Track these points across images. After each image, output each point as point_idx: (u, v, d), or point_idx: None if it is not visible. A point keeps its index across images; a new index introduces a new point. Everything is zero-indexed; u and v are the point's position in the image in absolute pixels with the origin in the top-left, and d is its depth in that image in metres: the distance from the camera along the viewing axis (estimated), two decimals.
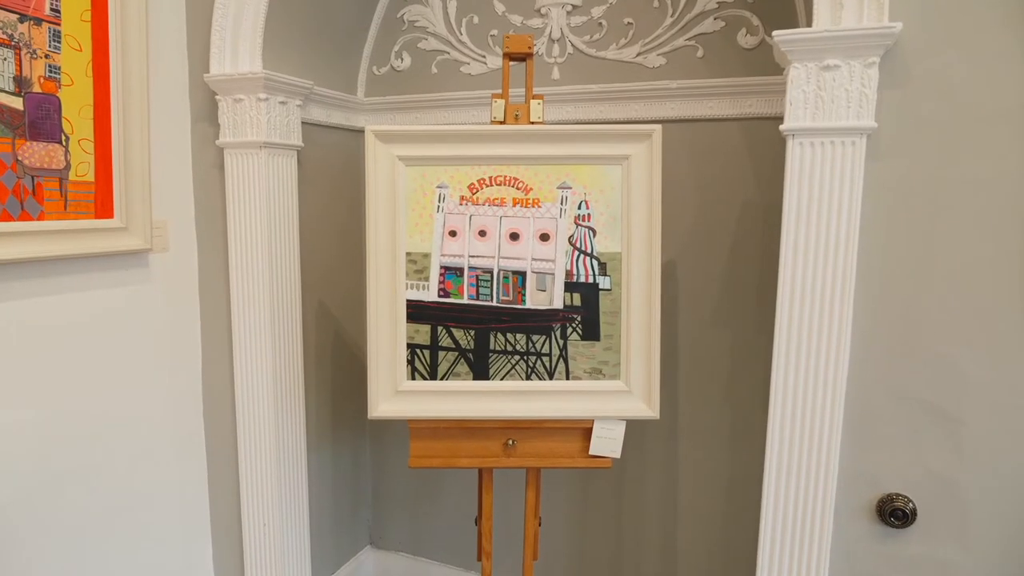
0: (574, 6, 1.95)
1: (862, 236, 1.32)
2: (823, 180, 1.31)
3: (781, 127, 1.32)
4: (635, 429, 2.01)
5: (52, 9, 1.55)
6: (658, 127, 1.53)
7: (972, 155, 1.25)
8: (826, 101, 1.28)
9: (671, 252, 1.92)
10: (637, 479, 2.04)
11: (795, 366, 1.37)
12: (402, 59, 2.18)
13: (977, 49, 1.23)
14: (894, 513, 1.33)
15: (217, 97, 1.84)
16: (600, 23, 1.93)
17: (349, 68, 2.18)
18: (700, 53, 1.83)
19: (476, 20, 2.07)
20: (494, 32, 2.05)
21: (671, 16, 1.85)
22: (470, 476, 2.27)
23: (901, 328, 1.32)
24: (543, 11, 1.98)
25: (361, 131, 2.24)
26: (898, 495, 1.35)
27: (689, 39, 1.84)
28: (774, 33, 1.30)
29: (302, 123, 1.96)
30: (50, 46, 1.55)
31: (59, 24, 1.56)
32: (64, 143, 1.59)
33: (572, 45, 1.96)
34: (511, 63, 1.65)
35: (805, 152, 1.31)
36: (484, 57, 2.07)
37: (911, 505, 1.33)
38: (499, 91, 2.01)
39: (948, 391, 1.30)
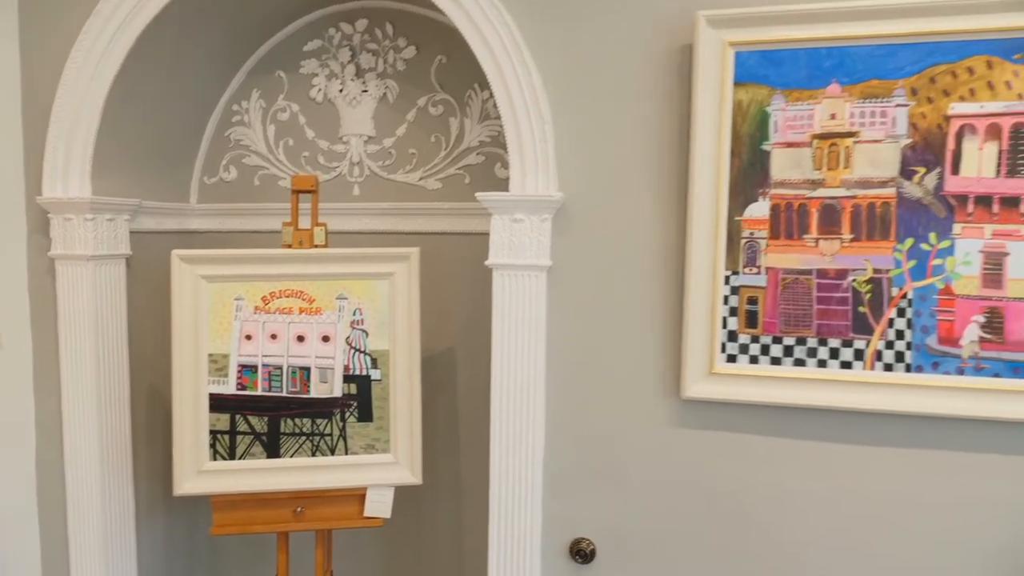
0: (370, 137, 2.36)
1: (548, 343, 1.76)
2: (518, 301, 1.74)
3: (486, 262, 1.75)
4: (429, 488, 2.37)
5: None
6: (416, 250, 1.94)
7: (619, 283, 1.71)
8: (516, 245, 1.72)
9: (451, 340, 2.32)
10: (431, 531, 2.40)
11: (506, 441, 1.78)
12: (229, 171, 2.52)
13: (621, 208, 1.70)
14: (579, 553, 1.75)
15: (49, 215, 2.12)
16: (390, 152, 2.34)
17: (181, 180, 2.49)
18: (467, 180, 2.27)
19: (291, 143, 2.44)
20: (306, 153, 2.43)
21: (445, 149, 2.29)
22: (299, 537, 2.55)
23: (580, 411, 1.76)
24: (345, 139, 2.38)
25: (194, 233, 2.55)
26: (583, 539, 1.77)
27: (459, 168, 2.28)
28: (477, 195, 1.74)
29: (133, 232, 2.25)
30: None
31: None
32: None
33: (369, 168, 2.37)
34: (300, 195, 2.02)
35: (505, 280, 1.75)
36: (298, 173, 2.44)
37: (592, 547, 1.76)
38: (306, 212, 2.35)
39: (612, 461, 1.74)
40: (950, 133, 1.47)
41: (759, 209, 1.58)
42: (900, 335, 1.54)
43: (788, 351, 1.60)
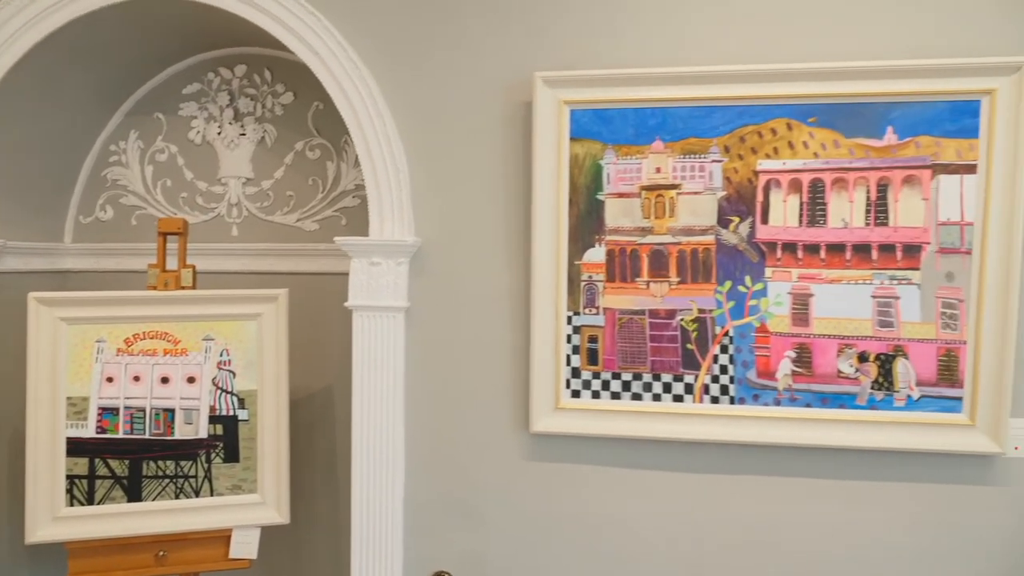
0: (248, 179, 2.39)
1: (407, 380, 1.82)
2: (378, 341, 1.80)
3: (346, 303, 1.81)
4: (307, 525, 2.38)
5: None
6: (284, 291, 1.98)
7: (473, 323, 1.80)
8: (375, 287, 1.79)
9: (328, 378, 2.36)
10: (310, 569, 2.40)
11: (367, 478, 1.82)
12: (106, 211, 2.50)
13: (473, 252, 1.79)
14: None
15: None
16: (268, 194, 2.38)
17: (54, 220, 2.46)
18: (344, 222, 2.33)
19: (169, 183, 2.45)
20: (184, 194, 2.44)
21: (322, 192, 2.35)
22: None
23: (437, 447, 1.82)
24: (223, 181, 2.41)
25: (68, 273, 2.51)
26: (443, 572, 1.82)
27: (335, 211, 2.34)
28: (336, 239, 1.80)
29: None
30: None
31: None
32: None
33: (247, 209, 2.40)
34: (167, 238, 2.04)
35: (365, 321, 1.81)
36: (176, 214, 2.45)
37: None
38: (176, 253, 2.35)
39: (469, 495, 1.81)
40: (759, 186, 1.64)
41: (596, 254, 1.70)
42: (724, 370, 1.68)
43: (626, 386, 1.72)
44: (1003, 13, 1.57)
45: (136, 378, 1.94)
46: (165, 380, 1.95)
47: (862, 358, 1.63)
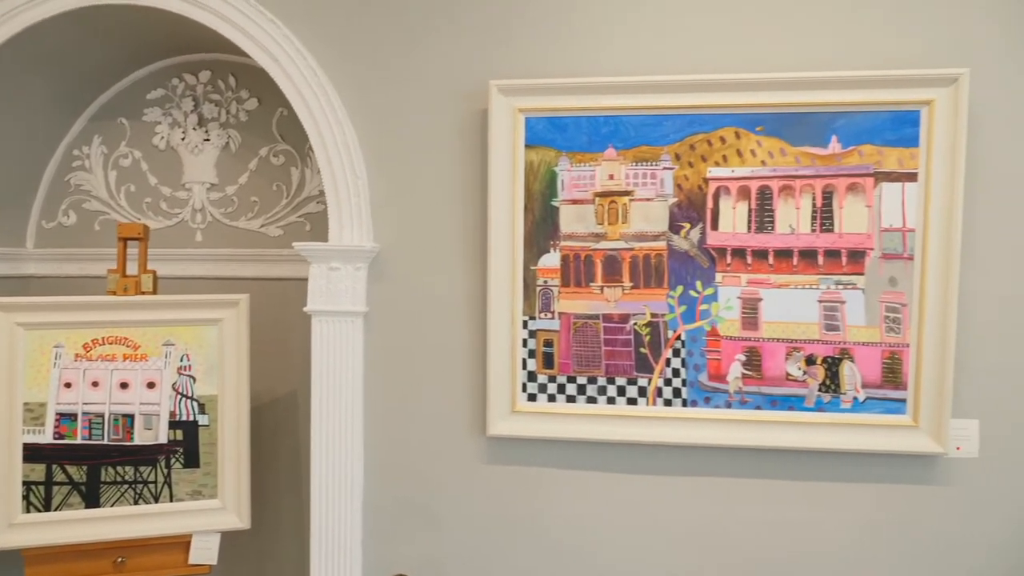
0: (212, 184, 2.40)
1: (366, 384, 1.84)
2: (336, 346, 1.82)
3: (305, 308, 1.82)
4: (273, 529, 2.38)
5: None
6: (245, 296, 1.99)
7: (431, 328, 1.82)
8: (334, 292, 1.81)
9: (293, 383, 2.36)
10: (275, 572, 2.40)
11: (326, 482, 1.83)
12: (68, 216, 2.49)
13: (431, 258, 1.82)
14: None
15: None
16: (233, 199, 2.39)
17: (16, 224, 2.44)
18: (308, 227, 2.34)
19: (133, 189, 2.45)
20: (148, 199, 2.44)
21: (286, 198, 2.35)
22: None
23: (396, 451, 1.84)
24: (188, 186, 2.41)
25: (30, 278, 2.49)
26: (402, 574, 1.83)
27: (299, 216, 2.35)
28: (294, 244, 1.82)
29: None
30: None
31: None
32: None
33: (211, 215, 2.40)
34: (128, 243, 2.04)
35: (324, 326, 1.82)
36: (139, 219, 2.45)
37: None
38: (136, 258, 2.35)
39: (428, 498, 1.83)
40: (709, 193, 1.67)
41: (551, 259, 1.73)
42: (676, 373, 1.71)
43: (581, 389, 1.74)
44: (942, 26, 1.62)
45: (95, 383, 1.93)
46: (124, 385, 1.95)
47: (809, 361, 1.67)
